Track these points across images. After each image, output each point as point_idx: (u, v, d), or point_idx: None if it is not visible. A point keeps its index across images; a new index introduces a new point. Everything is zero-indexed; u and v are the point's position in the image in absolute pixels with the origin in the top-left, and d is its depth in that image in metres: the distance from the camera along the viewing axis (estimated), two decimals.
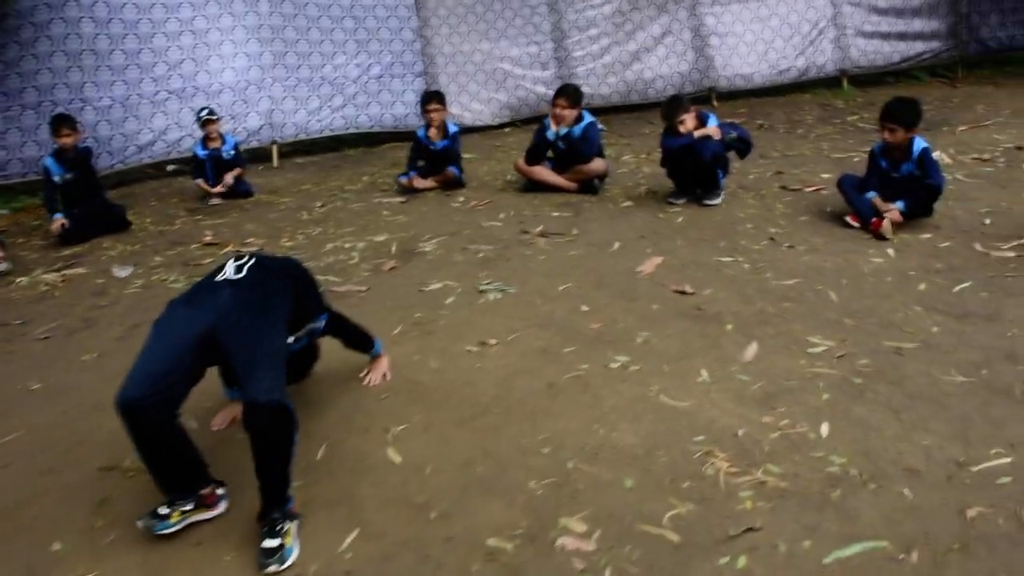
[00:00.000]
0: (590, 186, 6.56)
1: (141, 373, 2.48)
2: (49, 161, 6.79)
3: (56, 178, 6.77)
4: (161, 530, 2.57)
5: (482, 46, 10.12)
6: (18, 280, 5.89)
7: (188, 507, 2.64)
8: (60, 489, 3.03)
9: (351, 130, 9.71)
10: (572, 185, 6.60)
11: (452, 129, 7.10)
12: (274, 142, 9.30)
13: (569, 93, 6.50)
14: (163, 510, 2.60)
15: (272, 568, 2.39)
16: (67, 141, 6.73)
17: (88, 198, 6.87)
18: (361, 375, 3.58)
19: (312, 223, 6.40)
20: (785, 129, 8.72)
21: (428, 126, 7.08)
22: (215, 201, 7.49)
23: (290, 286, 2.87)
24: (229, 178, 7.51)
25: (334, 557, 2.46)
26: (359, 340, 3.49)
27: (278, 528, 2.46)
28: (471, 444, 3.00)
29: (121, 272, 5.70)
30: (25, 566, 2.57)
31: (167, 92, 8.85)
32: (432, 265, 5.07)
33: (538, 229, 5.62)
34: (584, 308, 4.17)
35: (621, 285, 4.46)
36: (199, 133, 7.79)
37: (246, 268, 2.80)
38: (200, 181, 7.59)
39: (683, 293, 4.26)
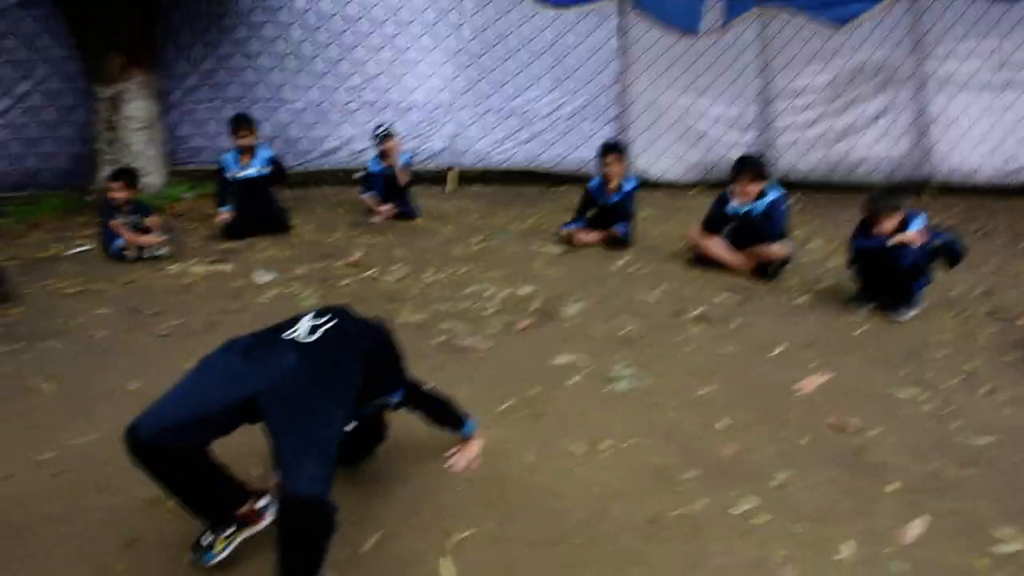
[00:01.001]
0: (766, 270, 5.83)
1: (159, 414, 2.21)
2: (228, 156, 6.90)
3: (229, 175, 6.87)
4: (209, 561, 2.40)
5: (681, 100, 9.56)
6: (171, 267, 5.95)
7: (230, 531, 2.42)
8: (100, 512, 2.82)
9: (531, 166, 9.44)
10: (746, 266, 5.90)
11: (628, 186, 6.60)
12: (451, 168, 9.17)
13: (750, 166, 5.81)
14: (206, 539, 2.40)
15: None
16: (244, 142, 6.81)
17: (259, 198, 6.92)
18: (447, 454, 3.15)
19: (462, 260, 6.09)
20: (1005, 240, 7.46)
21: (604, 178, 6.63)
22: (377, 219, 7.38)
23: (365, 358, 2.51)
24: (388, 210, 7.41)
25: None
26: (445, 417, 3.08)
27: None
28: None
29: (262, 277, 5.62)
30: None
31: (358, 103, 8.93)
32: (567, 334, 4.59)
33: (695, 312, 5.01)
34: (720, 424, 3.54)
35: (771, 403, 3.79)
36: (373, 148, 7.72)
37: (322, 330, 2.46)
38: (368, 196, 7.51)
39: (842, 429, 3.53)
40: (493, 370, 4.05)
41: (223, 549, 2.42)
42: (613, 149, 6.65)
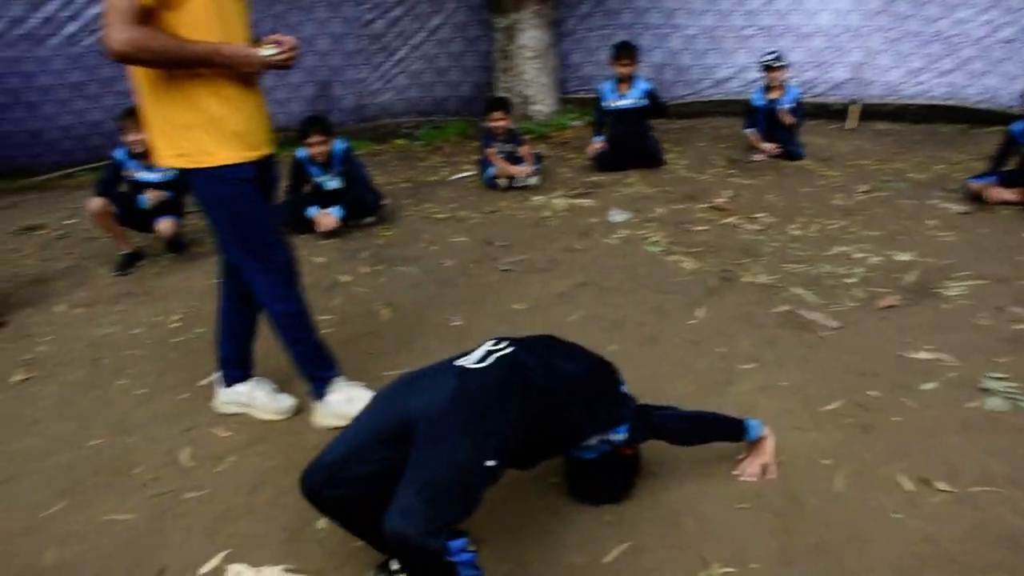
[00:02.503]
0: None
1: (324, 463, 2.07)
2: (606, 85, 6.78)
3: (605, 104, 6.76)
4: None
5: None
6: (535, 199, 6.06)
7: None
8: (251, 516, 2.63)
9: (952, 102, 7.95)
10: None
11: None
12: (853, 101, 8.11)
13: None
14: (393, 565, 2.22)
15: None
16: (624, 70, 6.60)
17: (633, 130, 6.73)
18: (738, 457, 2.69)
19: (839, 213, 5.31)
20: None
21: None
22: (758, 157, 6.78)
23: (545, 395, 2.15)
24: (770, 148, 6.74)
25: None
26: (706, 433, 2.58)
27: None
28: None
29: (616, 217, 5.45)
30: None
31: (755, 28, 8.24)
32: (941, 321, 3.68)
33: None
34: None
35: None
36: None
37: (493, 357, 2.15)
38: (750, 132, 6.92)
39: None
40: (832, 356, 3.41)
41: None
42: None
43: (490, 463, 1.94)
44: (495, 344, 2.23)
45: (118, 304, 4.57)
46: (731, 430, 2.58)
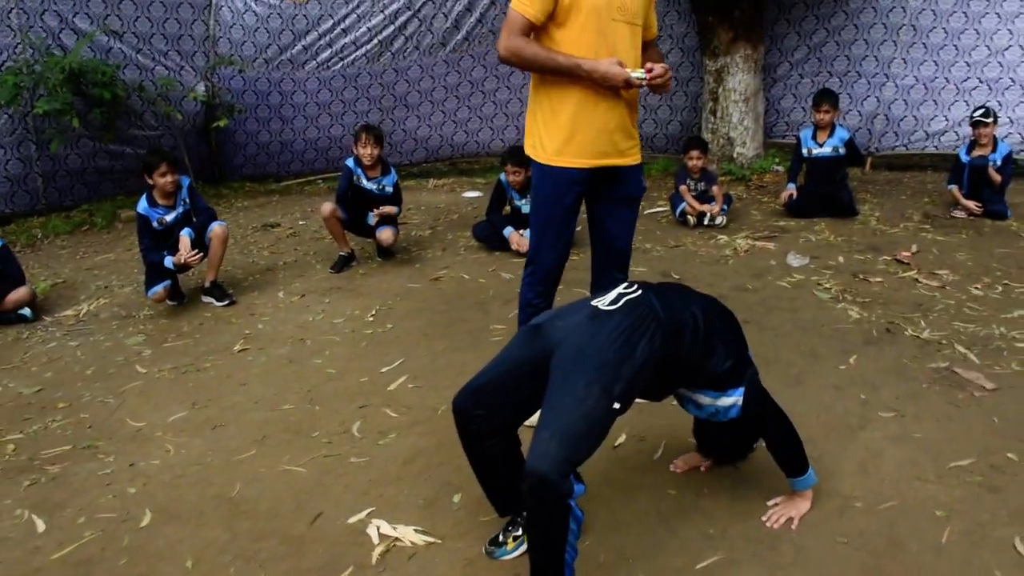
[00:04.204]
0: None
1: (473, 386, 2.43)
2: (806, 132, 6.89)
3: (804, 150, 6.86)
4: (500, 556, 2.62)
5: None
6: (720, 237, 6.30)
7: (518, 533, 2.62)
8: (398, 483, 2.84)
9: None
10: None
11: None
12: None
13: None
14: (501, 537, 2.64)
15: None
16: (824, 118, 6.69)
17: (829, 178, 6.78)
18: (772, 502, 2.83)
19: None
20: None
21: None
22: (958, 214, 6.60)
23: (667, 338, 2.31)
24: (971, 205, 6.53)
25: None
26: (787, 453, 2.68)
27: None
28: None
29: (794, 261, 5.59)
30: None
31: (978, 80, 7.96)
32: None
33: None
34: None
35: None
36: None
37: (624, 300, 2.37)
38: (953, 188, 6.74)
39: None
40: (978, 416, 3.40)
41: (514, 548, 2.61)
42: None
43: (616, 405, 2.17)
44: (627, 287, 2.45)
45: (327, 296, 5.37)
46: (799, 463, 2.70)
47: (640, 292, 2.43)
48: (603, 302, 2.40)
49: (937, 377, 3.81)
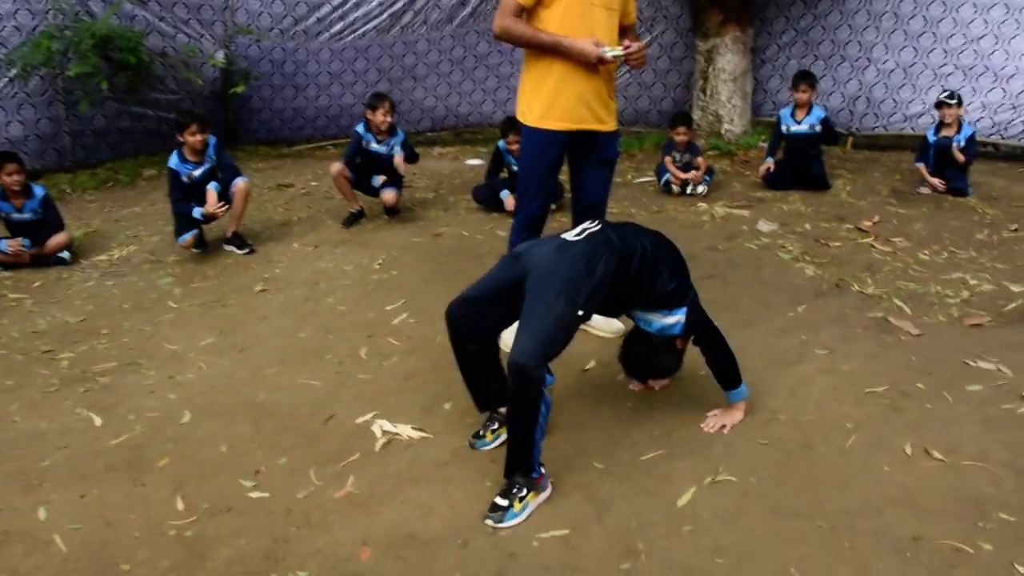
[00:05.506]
0: None
1: (463, 297, 2.98)
2: (784, 111, 7.41)
3: (783, 127, 7.37)
4: (480, 447, 3.22)
5: None
6: (700, 205, 6.83)
7: (495, 427, 3.22)
8: (399, 394, 3.56)
9: None
10: None
11: None
12: None
13: None
14: (481, 431, 3.24)
15: (488, 522, 2.73)
16: (802, 97, 7.21)
17: (804, 154, 7.30)
18: (707, 413, 3.40)
19: (976, 245, 5.60)
20: None
21: None
22: (923, 190, 7.12)
23: (621, 263, 2.84)
24: (936, 183, 7.05)
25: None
26: (723, 369, 3.23)
27: (514, 491, 2.75)
28: None
29: (764, 227, 6.12)
30: None
31: (954, 66, 8.44)
32: (1022, 342, 4.15)
33: None
34: None
35: None
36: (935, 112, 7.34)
37: (587, 232, 2.92)
38: (920, 166, 7.25)
39: None
40: (900, 355, 3.92)
41: (492, 440, 3.21)
42: None
43: (580, 312, 2.75)
44: (590, 223, 3.03)
45: (338, 248, 5.96)
46: (733, 376, 3.26)
47: (600, 227, 3.01)
48: (570, 235, 2.98)
49: (870, 325, 4.36)
